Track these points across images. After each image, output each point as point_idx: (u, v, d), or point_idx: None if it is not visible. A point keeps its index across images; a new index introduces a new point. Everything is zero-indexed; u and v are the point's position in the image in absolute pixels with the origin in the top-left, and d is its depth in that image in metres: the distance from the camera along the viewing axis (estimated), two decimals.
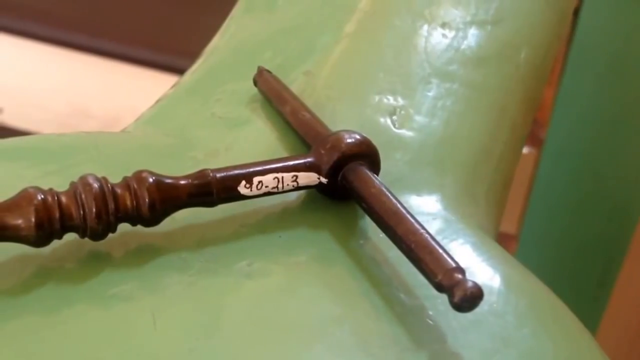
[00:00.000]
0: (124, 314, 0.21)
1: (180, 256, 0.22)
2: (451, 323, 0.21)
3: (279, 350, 0.20)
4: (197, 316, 0.21)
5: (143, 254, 0.22)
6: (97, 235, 0.22)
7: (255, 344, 0.20)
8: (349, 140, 0.24)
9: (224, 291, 0.21)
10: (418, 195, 0.26)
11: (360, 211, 0.25)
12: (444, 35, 0.33)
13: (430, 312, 0.22)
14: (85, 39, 1.18)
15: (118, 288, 0.21)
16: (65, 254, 0.22)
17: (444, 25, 0.33)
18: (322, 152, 0.24)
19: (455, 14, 0.34)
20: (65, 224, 0.21)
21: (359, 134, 0.25)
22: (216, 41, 0.35)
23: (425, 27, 0.33)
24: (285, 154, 0.27)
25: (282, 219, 0.24)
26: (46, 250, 0.22)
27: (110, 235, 0.22)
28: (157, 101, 0.32)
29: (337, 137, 0.24)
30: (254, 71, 0.30)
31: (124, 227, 0.22)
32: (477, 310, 0.20)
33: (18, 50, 1.19)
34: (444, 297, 0.21)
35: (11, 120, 1.18)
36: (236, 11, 0.36)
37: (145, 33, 1.15)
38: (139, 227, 0.23)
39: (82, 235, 0.22)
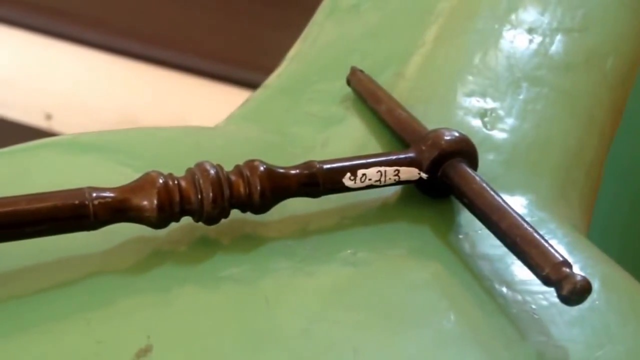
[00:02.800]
0: (237, 295, 0.22)
1: (286, 243, 0.24)
2: (554, 318, 0.22)
3: (387, 336, 0.21)
4: (308, 300, 0.22)
5: (251, 240, 0.24)
6: (212, 220, 0.23)
7: (364, 328, 0.21)
8: (449, 138, 0.25)
9: (330, 277, 0.23)
10: (512, 195, 0.27)
11: (457, 207, 0.26)
12: (530, 41, 0.34)
13: (533, 306, 0.23)
14: (136, 47, 1.21)
15: (229, 271, 0.23)
16: (179, 237, 0.24)
17: (530, 30, 0.34)
18: (423, 148, 0.25)
19: (542, 20, 0.35)
20: (184, 207, 0.23)
21: (458, 132, 0.26)
22: (299, 46, 0.36)
23: (511, 31, 0.35)
24: (379, 151, 0.28)
25: (381, 213, 0.26)
26: (162, 232, 0.24)
27: (222, 220, 0.24)
28: (245, 101, 0.34)
29: (437, 134, 0.26)
30: (344, 72, 0.32)
31: (232, 213, 0.24)
32: (578, 306, 0.21)
33: (69, 56, 1.24)
34: (545, 293, 0.22)
35: (59, 126, 1.22)
36: (318, 17, 0.38)
37: (197, 42, 1.18)
38: (247, 215, 0.24)
39: (197, 219, 0.23)
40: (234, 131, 0.31)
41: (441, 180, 0.25)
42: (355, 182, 0.25)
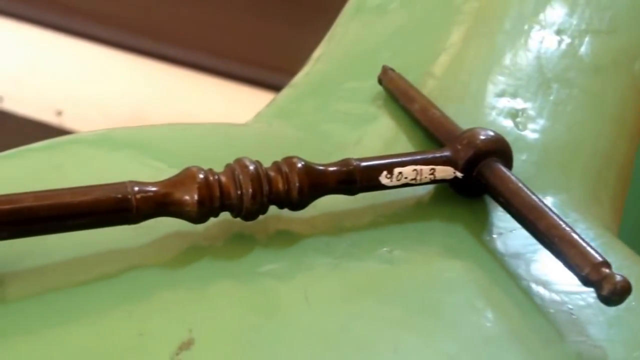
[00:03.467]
0: (276, 291, 0.22)
1: (322, 240, 0.24)
2: (592, 318, 0.22)
3: (427, 335, 0.22)
4: (346, 296, 0.22)
5: (287, 236, 0.24)
6: (250, 216, 0.23)
7: (403, 326, 0.22)
8: (484, 137, 0.26)
9: (368, 274, 0.23)
10: (544, 195, 0.27)
11: (490, 207, 0.26)
12: (559, 42, 0.34)
13: (570, 307, 0.23)
14: (147, 44, 1.22)
15: (268, 266, 0.23)
16: (216, 233, 0.24)
17: (559, 32, 0.35)
18: (459, 147, 0.25)
19: (570, 22, 0.36)
20: (223, 203, 0.23)
21: (493, 132, 0.26)
22: (325, 46, 0.37)
23: (540, 32, 0.35)
24: (412, 150, 0.29)
25: (415, 211, 0.26)
26: (199, 228, 0.24)
27: (260, 216, 0.24)
28: (273, 100, 0.34)
29: (472, 133, 0.26)
30: (373, 71, 0.32)
31: (269, 209, 0.24)
32: (616, 307, 0.21)
33: (80, 53, 1.24)
34: (582, 293, 0.22)
35: (70, 123, 1.23)
36: (344, 17, 0.38)
37: (209, 40, 1.19)
38: (282, 211, 0.24)
39: (236, 215, 0.24)
40: (265, 128, 0.31)
41: (476, 179, 0.25)
42: (391, 180, 0.25)
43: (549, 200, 0.27)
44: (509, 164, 0.26)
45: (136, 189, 0.22)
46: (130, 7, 1.27)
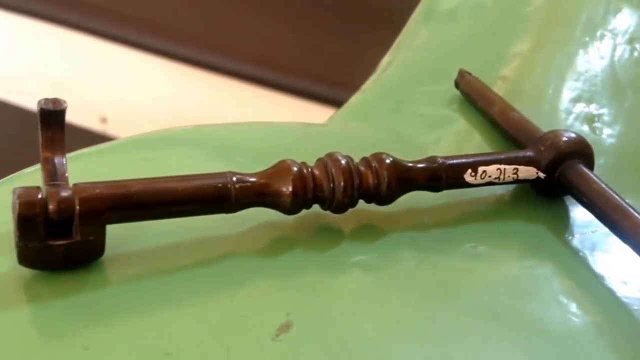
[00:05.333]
0: (368, 281, 0.24)
1: (407, 235, 0.25)
2: None
3: (513, 328, 0.23)
4: (434, 288, 0.24)
5: (373, 230, 0.26)
6: (341, 208, 0.25)
7: (490, 318, 0.23)
8: (567, 139, 0.27)
9: (455, 269, 0.24)
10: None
11: (571, 207, 0.27)
12: (632, 50, 0.35)
13: None
14: (192, 52, 1.24)
15: (357, 258, 0.24)
16: (306, 224, 0.25)
17: (631, 40, 0.36)
18: (542, 148, 0.26)
19: None
20: (316, 195, 0.24)
21: (575, 134, 0.27)
22: (394, 53, 0.38)
23: (612, 40, 0.36)
24: (490, 151, 0.30)
25: (497, 210, 0.27)
26: (289, 219, 0.25)
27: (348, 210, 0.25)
28: (346, 104, 0.35)
29: (555, 134, 0.27)
30: (447, 75, 0.33)
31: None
32: None
33: (126, 60, 1.27)
34: None
35: (114, 130, 1.26)
36: (413, 24, 0.40)
37: (251, 49, 1.21)
38: (368, 205, 0.26)
39: (327, 207, 0.25)
40: (344, 128, 0.32)
41: (558, 180, 0.26)
42: (475, 179, 0.26)
43: None
44: (590, 165, 0.27)
45: (235, 178, 0.24)
46: (174, 15, 1.31)
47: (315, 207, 0.25)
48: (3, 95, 1.33)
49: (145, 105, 1.31)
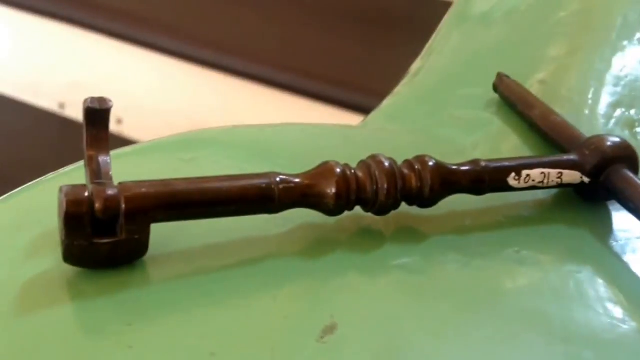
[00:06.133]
0: (411, 284, 0.24)
1: (449, 238, 0.25)
2: None
3: (560, 333, 0.22)
4: (478, 293, 0.24)
5: (415, 233, 0.26)
6: (383, 211, 0.25)
7: (538, 323, 0.23)
8: (611, 143, 0.27)
9: (499, 273, 0.24)
10: None
11: (614, 212, 0.27)
12: None
13: None
14: (207, 54, 1.25)
15: (399, 260, 0.24)
16: (346, 226, 0.25)
17: None
18: (586, 152, 0.26)
19: None
20: (359, 196, 0.24)
21: (620, 138, 0.27)
22: (424, 58, 0.38)
23: None
24: (530, 154, 0.30)
25: (539, 214, 0.27)
26: (330, 220, 0.25)
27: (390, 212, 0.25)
28: (379, 108, 0.35)
29: (599, 139, 0.27)
30: (483, 78, 0.33)
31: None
32: None
33: (142, 62, 1.28)
34: None
35: (129, 131, 1.26)
36: (444, 29, 0.40)
37: (270, 53, 1.21)
38: (409, 208, 0.26)
39: (369, 210, 0.25)
40: (380, 131, 0.32)
41: (603, 185, 0.26)
42: (519, 182, 0.26)
43: None
44: (635, 170, 0.27)
45: (279, 179, 0.24)
46: (190, 17, 1.31)
47: (356, 209, 0.25)
48: (20, 95, 1.34)
49: (160, 106, 1.32)
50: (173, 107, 1.26)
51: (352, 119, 1.13)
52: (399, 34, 1.22)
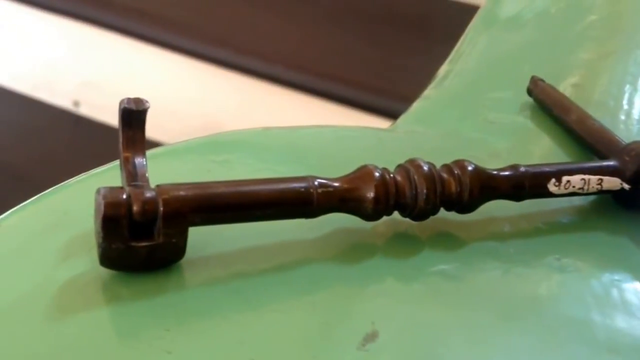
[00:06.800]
0: (451, 290, 0.23)
1: (488, 244, 0.25)
2: None
3: (609, 351, 0.22)
4: (521, 301, 0.23)
5: (452, 239, 0.25)
6: (422, 216, 0.24)
7: (581, 337, 0.22)
8: None
9: (541, 281, 0.24)
10: None
11: None
12: None
13: None
14: (221, 54, 1.24)
15: (439, 267, 0.24)
16: (383, 231, 0.25)
17: None
18: (627, 159, 0.26)
19: None
20: (398, 201, 0.24)
21: None
22: (452, 62, 0.37)
23: None
24: (567, 159, 0.29)
25: (579, 221, 0.26)
26: (366, 225, 0.25)
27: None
28: (408, 111, 0.35)
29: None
30: (515, 82, 0.33)
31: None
32: None
33: (160, 61, 1.28)
34: None
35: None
36: (470, 34, 0.39)
37: (287, 53, 1.21)
38: (446, 213, 0.25)
39: (407, 215, 0.24)
40: (412, 134, 0.32)
41: None
42: (559, 189, 0.25)
43: None
44: None
45: (317, 183, 0.23)
46: (205, 16, 1.31)
47: (393, 214, 0.25)
48: (36, 94, 1.34)
49: (175, 105, 1.32)
50: (187, 106, 1.25)
51: (366, 120, 1.12)
52: (414, 35, 1.22)
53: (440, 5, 1.21)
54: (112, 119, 1.28)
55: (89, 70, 1.29)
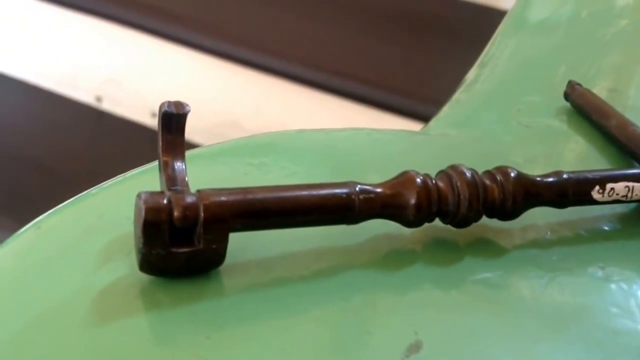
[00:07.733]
0: (495, 299, 0.22)
1: (530, 252, 0.24)
2: None
3: None
4: (567, 311, 0.22)
5: (493, 246, 0.24)
6: (464, 223, 0.23)
7: (632, 349, 0.21)
8: None
9: (586, 290, 0.23)
10: None
11: None
12: None
13: None
14: (241, 52, 1.24)
15: (481, 275, 0.23)
16: (423, 238, 0.24)
17: None
18: None
19: None
20: (440, 208, 0.23)
21: None
22: (481, 66, 0.36)
23: None
24: (605, 165, 0.28)
25: (622, 229, 0.25)
26: (405, 232, 0.24)
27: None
28: (439, 114, 0.34)
29: None
30: (549, 86, 0.32)
31: None
32: None
33: (178, 58, 1.27)
34: None
35: None
36: (498, 37, 0.38)
37: (307, 51, 1.20)
38: (487, 220, 0.24)
39: (449, 222, 0.23)
40: (445, 138, 0.31)
41: None
42: (602, 196, 0.24)
43: None
44: None
45: (358, 189, 0.22)
46: (226, 15, 1.30)
47: (436, 220, 0.24)
48: (60, 89, 1.34)
49: (195, 102, 1.31)
50: (207, 103, 1.25)
51: (384, 120, 1.11)
52: (431, 36, 1.20)
53: (458, 6, 1.20)
54: (133, 114, 1.28)
55: (112, 68, 1.29)
